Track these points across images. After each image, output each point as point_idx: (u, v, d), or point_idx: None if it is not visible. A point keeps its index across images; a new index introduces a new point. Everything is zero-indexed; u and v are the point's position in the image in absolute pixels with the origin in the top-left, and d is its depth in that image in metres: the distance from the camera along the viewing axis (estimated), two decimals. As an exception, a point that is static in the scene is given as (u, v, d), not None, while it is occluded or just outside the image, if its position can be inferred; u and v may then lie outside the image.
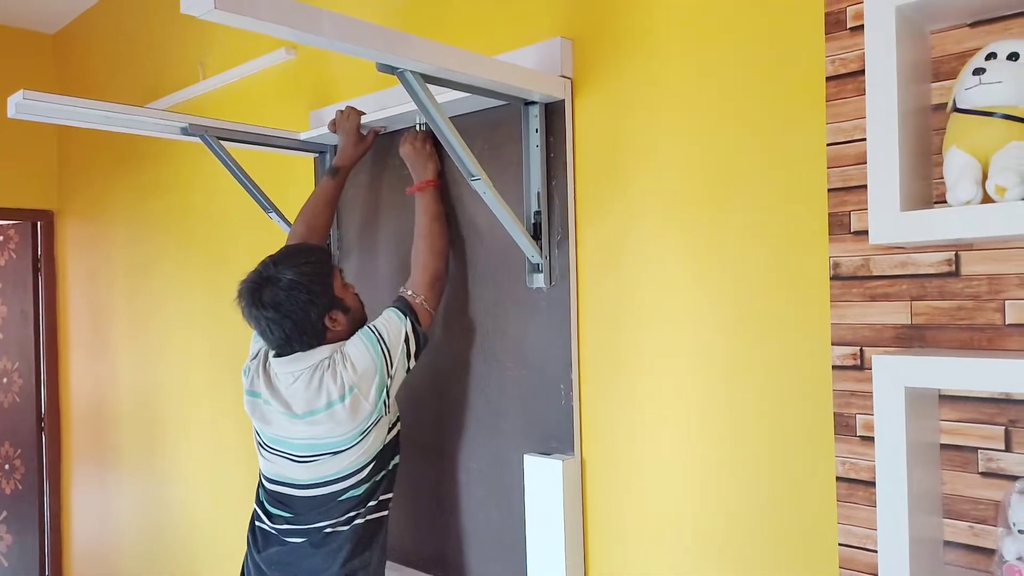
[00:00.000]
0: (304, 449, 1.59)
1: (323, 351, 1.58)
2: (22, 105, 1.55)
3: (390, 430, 1.64)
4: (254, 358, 1.69)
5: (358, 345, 1.56)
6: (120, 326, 3.28)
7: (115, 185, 3.31)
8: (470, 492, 1.75)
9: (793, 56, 1.26)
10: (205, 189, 2.73)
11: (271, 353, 1.64)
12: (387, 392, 1.56)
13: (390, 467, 1.66)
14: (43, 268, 3.77)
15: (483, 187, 1.42)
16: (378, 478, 1.63)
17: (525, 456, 1.59)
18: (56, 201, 3.78)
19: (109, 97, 1.64)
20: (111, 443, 3.37)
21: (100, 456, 3.47)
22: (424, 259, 1.66)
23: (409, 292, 1.62)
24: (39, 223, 3.76)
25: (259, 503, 1.70)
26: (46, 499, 3.78)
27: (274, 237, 2.10)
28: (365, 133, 1.87)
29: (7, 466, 3.84)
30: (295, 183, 2.24)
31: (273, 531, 1.65)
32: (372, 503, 1.62)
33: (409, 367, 1.60)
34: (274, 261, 1.58)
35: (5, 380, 3.84)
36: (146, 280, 3.10)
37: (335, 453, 1.57)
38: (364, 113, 1.83)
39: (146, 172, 3.08)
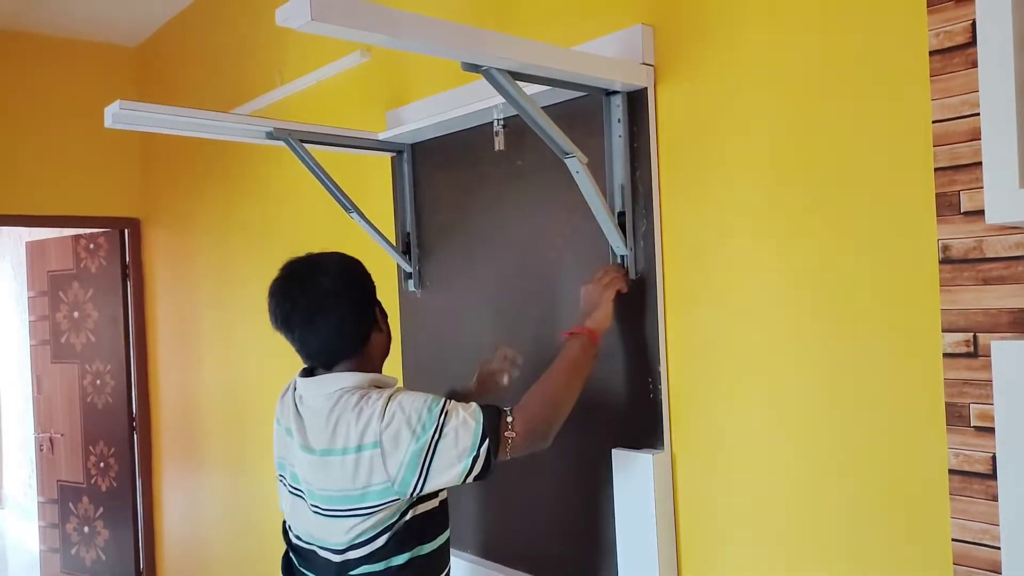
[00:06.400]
0: (315, 498, 1.38)
1: (348, 378, 1.38)
2: (118, 115, 1.61)
3: (411, 508, 1.38)
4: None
5: (414, 405, 1.32)
6: (206, 329, 3.39)
7: (197, 193, 3.42)
8: (557, 487, 1.74)
9: (891, 31, 1.21)
10: (284, 194, 2.79)
11: (298, 374, 1.49)
12: (421, 477, 1.30)
13: (420, 552, 1.39)
14: (131, 274, 3.93)
15: (576, 165, 1.41)
16: (401, 561, 1.37)
17: (613, 450, 1.57)
18: (142, 209, 3.93)
19: (190, 107, 1.69)
20: (200, 442, 3.48)
21: (190, 454, 3.59)
22: (538, 406, 1.40)
23: (509, 419, 1.35)
24: (126, 231, 3.92)
25: (285, 557, 1.51)
26: (139, 496, 3.94)
27: (354, 238, 2.13)
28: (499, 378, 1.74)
29: (102, 464, 4.02)
30: (372, 183, 2.27)
31: None
32: None
33: (463, 482, 1.33)
34: (315, 254, 1.46)
35: (99, 382, 4.02)
36: (230, 283, 3.19)
37: (333, 516, 1.35)
38: (517, 366, 1.73)
39: (227, 180, 3.17)
